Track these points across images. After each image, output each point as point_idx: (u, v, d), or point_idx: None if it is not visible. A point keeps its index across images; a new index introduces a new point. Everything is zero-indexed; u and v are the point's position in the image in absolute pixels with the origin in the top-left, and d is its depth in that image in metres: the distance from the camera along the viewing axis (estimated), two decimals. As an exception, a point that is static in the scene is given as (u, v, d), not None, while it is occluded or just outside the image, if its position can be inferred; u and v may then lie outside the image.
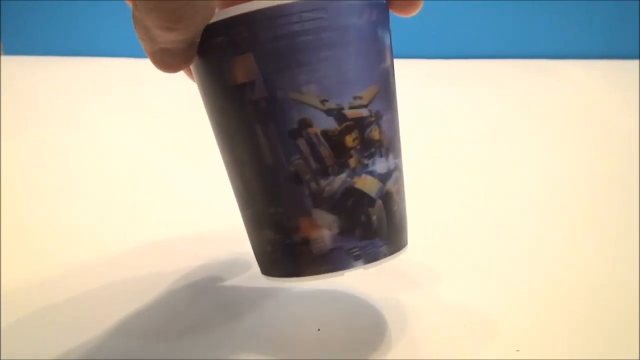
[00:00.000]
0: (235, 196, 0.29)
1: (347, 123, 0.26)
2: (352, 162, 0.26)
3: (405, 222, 0.29)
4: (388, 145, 0.27)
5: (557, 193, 0.46)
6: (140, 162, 0.53)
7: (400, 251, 0.28)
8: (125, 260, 0.38)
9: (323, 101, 0.25)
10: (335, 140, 0.26)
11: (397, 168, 0.28)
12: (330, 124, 0.26)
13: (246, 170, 0.27)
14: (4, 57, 0.87)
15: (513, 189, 0.47)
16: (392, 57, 0.28)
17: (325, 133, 0.26)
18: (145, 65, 0.91)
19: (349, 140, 0.26)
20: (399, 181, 0.28)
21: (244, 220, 0.29)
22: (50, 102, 0.67)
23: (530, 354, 0.29)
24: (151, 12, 0.23)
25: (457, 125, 0.61)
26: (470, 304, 0.33)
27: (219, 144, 0.28)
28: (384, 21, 0.27)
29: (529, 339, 0.30)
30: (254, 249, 0.29)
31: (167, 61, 0.25)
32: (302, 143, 0.26)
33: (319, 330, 0.30)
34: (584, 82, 0.72)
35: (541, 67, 0.80)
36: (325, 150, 0.26)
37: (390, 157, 0.27)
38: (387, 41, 0.27)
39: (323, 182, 0.26)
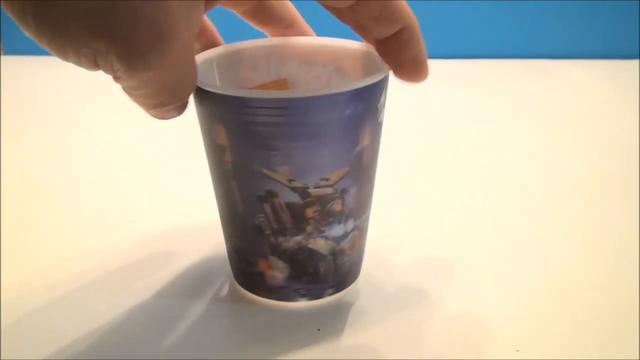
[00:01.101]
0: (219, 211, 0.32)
1: (310, 199, 0.28)
2: (310, 228, 0.28)
3: (356, 265, 0.32)
4: (349, 213, 0.29)
5: (557, 193, 0.46)
6: (141, 162, 0.53)
7: (346, 289, 0.32)
8: (126, 259, 0.37)
9: (290, 180, 0.27)
10: (296, 211, 0.28)
11: (357, 227, 0.30)
12: (295, 198, 0.27)
13: (223, 207, 0.30)
14: (4, 57, 0.87)
15: (513, 189, 0.47)
16: (375, 132, 0.29)
17: (288, 204, 0.28)
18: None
19: (309, 212, 0.28)
20: (356, 238, 0.30)
21: (222, 225, 0.32)
22: (50, 102, 0.67)
23: (530, 354, 0.29)
24: (143, 98, 0.24)
25: (457, 125, 0.61)
26: (470, 304, 0.33)
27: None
28: (371, 107, 0.27)
29: (529, 339, 0.30)
30: (227, 250, 0.33)
31: (165, 117, 0.26)
32: (267, 207, 0.28)
33: (319, 330, 0.30)
34: (584, 82, 0.72)
35: (541, 67, 0.80)
36: (286, 217, 0.28)
37: (350, 221, 0.29)
38: (370, 123, 0.28)
39: (281, 239, 0.29)
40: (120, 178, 0.50)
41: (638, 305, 0.32)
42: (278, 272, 0.30)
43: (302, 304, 0.31)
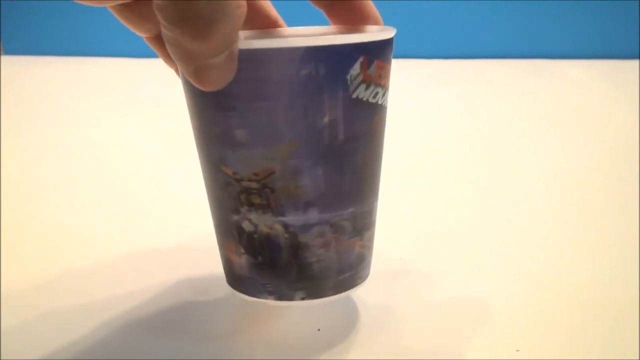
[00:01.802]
0: None
1: (262, 170, 0.26)
2: (266, 208, 0.27)
3: (337, 273, 0.28)
4: (309, 200, 0.26)
5: (557, 193, 0.46)
6: (141, 162, 0.53)
7: (325, 299, 0.29)
8: (126, 260, 0.38)
9: (237, 147, 0.26)
10: (246, 185, 0.26)
11: (327, 222, 0.27)
12: (241, 168, 0.26)
13: (205, 182, 0.29)
14: (4, 57, 0.87)
15: (513, 189, 0.47)
16: (347, 108, 0.26)
17: (236, 175, 0.26)
18: (145, 66, 0.91)
19: (268, 191, 0.26)
20: (327, 235, 0.27)
21: None
22: (50, 102, 0.67)
23: (530, 354, 0.29)
24: (177, 24, 0.21)
25: (457, 125, 0.61)
26: (470, 304, 0.33)
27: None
28: (336, 74, 0.25)
29: (529, 339, 0.30)
30: None
31: (209, 78, 0.24)
32: (220, 178, 0.27)
33: (319, 330, 0.31)
34: (584, 82, 0.72)
35: (541, 67, 0.80)
36: (237, 190, 0.27)
37: (312, 211, 0.27)
38: (337, 94, 0.25)
39: (236, 217, 0.27)
40: (120, 178, 0.50)
41: (638, 305, 0.32)
42: (240, 257, 0.28)
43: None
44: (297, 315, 0.32)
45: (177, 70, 0.30)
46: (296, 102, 0.25)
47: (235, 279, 0.29)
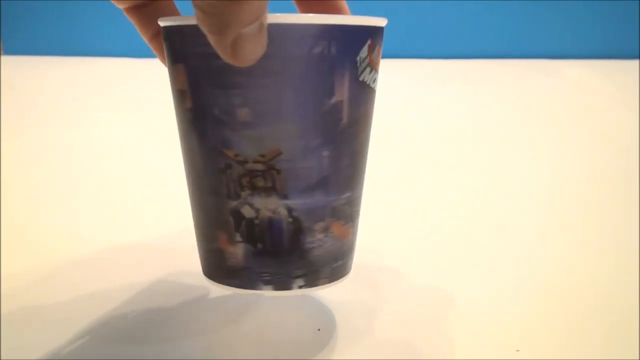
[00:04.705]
0: None
1: (268, 150, 0.25)
2: (269, 189, 0.26)
3: (335, 259, 0.28)
4: (320, 180, 0.26)
5: (557, 192, 0.46)
6: (140, 162, 0.53)
7: (323, 285, 0.28)
8: (126, 259, 0.38)
9: (241, 127, 0.25)
10: (250, 168, 0.25)
11: (332, 205, 0.27)
12: (246, 149, 0.25)
13: (188, 169, 0.28)
14: (4, 57, 0.87)
15: (513, 189, 0.47)
16: (355, 90, 0.26)
17: (238, 157, 0.25)
18: (145, 65, 0.91)
19: (268, 174, 0.26)
20: (329, 218, 0.27)
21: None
22: (50, 102, 0.67)
23: (530, 354, 0.29)
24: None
25: (457, 124, 0.61)
26: (470, 304, 0.33)
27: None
28: (347, 55, 0.25)
29: (529, 339, 0.30)
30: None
31: (244, 49, 0.23)
32: (220, 162, 0.26)
33: (319, 330, 0.31)
34: (584, 82, 0.72)
35: (541, 67, 0.80)
36: (239, 174, 0.26)
37: (320, 192, 0.27)
38: (347, 76, 0.25)
39: (234, 202, 0.26)
40: (120, 177, 0.50)
41: (638, 305, 0.32)
42: (235, 246, 0.27)
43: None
44: (297, 315, 0.32)
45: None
46: (306, 81, 0.25)
47: (226, 272, 0.28)
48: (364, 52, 0.26)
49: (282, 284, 0.27)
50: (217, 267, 0.28)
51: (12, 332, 0.31)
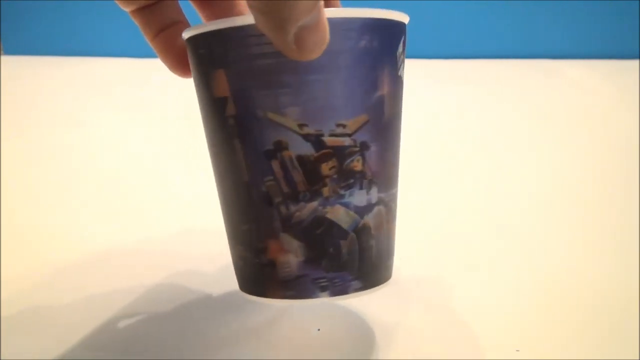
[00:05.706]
0: (220, 207, 0.29)
1: (325, 151, 0.25)
2: (326, 190, 0.25)
3: (387, 258, 0.27)
4: (372, 178, 0.26)
5: (557, 193, 0.46)
6: (141, 162, 0.53)
7: (376, 287, 0.27)
8: (126, 260, 0.38)
9: (301, 125, 0.24)
10: (310, 167, 0.25)
11: (383, 202, 0.26)
12: (307, 149, 0.24)
13: (226, 183, 0.27)
14: (4, 57, 0.87)
15: (513, 189, 0.47)
16: (395, 84, 0.26)
17: (300, 158, 0.25)
18: (145, 66, 0.91)
19: (325, 168, 0.25)
20: (382, 216, 0.27)
21: (226, 231, 0.28)
22: (50, 102, 0.67)
23: (530, 354, 0.29)
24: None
25: (457, 125, 0.61)
26: (470, 304, 0.33)
27: (209, 154, 0.28)
28: (387, 49, 0.25)
29: (529, 339, 0.30)
30: (232, 261, 0.29)
31: (307, 41, 0.22)
32: (276, 165, 0.25)
33: (319, 330, 0.30)
34: (584, 82, 0.72)
35: (541, 67, 0.80)
36: (298, 176, 0.25)
37: (374, 190, 0.26)
38: (389, 68, 0.25)
39: (293, 207, 0.25)
40: (120, 178, 0.50)
41: (638, 305, 0.32)
42: (292, 255, 0.26)
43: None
44: (297, 315, 0.32)
45: (180, 72, 0.30)
46: (354, 74, 0.24)
47: (280, 285, 0.26)
48: (400, 47, 0.26)
49: (339, 289, 0.26)
50: (266, 282, 0.27)
51: (12, 334, 0.31)
